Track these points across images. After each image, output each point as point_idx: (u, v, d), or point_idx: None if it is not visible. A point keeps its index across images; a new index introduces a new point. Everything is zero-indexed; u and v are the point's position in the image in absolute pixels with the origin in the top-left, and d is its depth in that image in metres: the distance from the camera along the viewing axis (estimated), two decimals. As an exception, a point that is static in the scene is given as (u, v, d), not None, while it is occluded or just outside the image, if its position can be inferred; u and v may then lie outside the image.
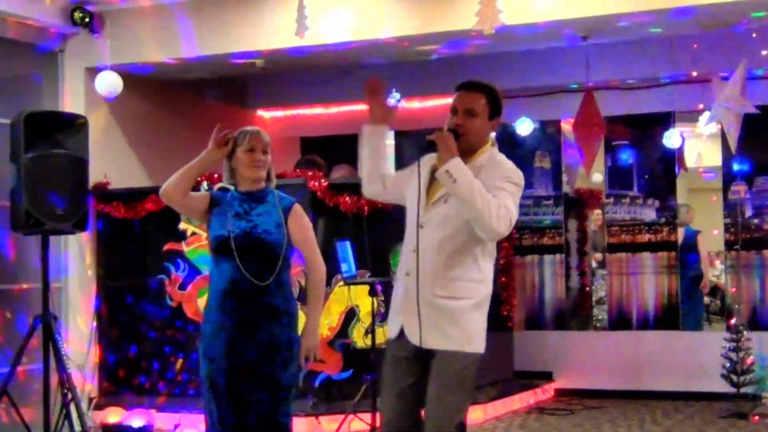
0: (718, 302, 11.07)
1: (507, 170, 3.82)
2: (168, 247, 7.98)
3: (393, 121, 4.08)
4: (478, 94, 3.87)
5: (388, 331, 3.98)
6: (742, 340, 8.18)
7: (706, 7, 6.86)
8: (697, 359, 9.07)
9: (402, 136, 9.92)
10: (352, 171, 9.32)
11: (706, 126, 9.35)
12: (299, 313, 4.49)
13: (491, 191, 3.68)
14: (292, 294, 4.46)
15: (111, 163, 8.36)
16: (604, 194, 10.18)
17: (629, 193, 9.92)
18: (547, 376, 9.54)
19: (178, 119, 9.30)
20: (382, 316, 7.35)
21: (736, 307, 8.64)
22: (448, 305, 3.79)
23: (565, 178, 10.30)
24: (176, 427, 7.29)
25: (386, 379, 3.94)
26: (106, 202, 8.19)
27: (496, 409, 8.23)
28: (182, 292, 7.95)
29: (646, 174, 9.85)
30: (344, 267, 6.84)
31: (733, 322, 8.52)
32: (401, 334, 3.87)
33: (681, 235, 9.80)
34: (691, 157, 10.69)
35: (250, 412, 4.26)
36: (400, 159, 9.83)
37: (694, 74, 8.90)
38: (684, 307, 9.62)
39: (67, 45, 8.27)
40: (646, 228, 9.75)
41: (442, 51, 8.11)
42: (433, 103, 9.88)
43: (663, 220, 9.69)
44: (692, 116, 9.81)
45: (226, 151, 4.38)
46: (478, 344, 3.86)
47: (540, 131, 9.86)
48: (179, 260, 7.95)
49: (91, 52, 8.18)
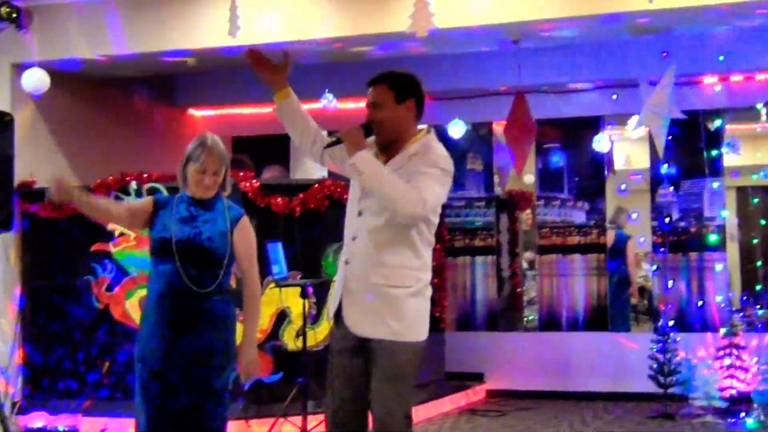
0: (646, 302, 11.26)
1: (434, 156, 3.91)
2: (95, 247, 7.84)
3: (290, 71, 4.07)
4: (379, 85, 3.98)
5: (327, 313, 4.00)
6: (668, 341, 8.32)
7: (634, 13, 6.98)
8: (625, 360, 9.20)
9: (336, 136, 9.88)
10: (283, 171, 9.28)
11: (634, 130, 9.50)
12: (236, 319, 4.44)
13: (414, 177, 3.77)
14: (231, 300, 4.40)
15: (37, 161, 8.20)
16: (535, 196, 10.27)
17: (560, 195, 10.01)
18: (479, 378, 9.58)
19: (107, 117, 9.17)
20: (313, 318, 7.33)
21: (663, 308, 8.76)
22: (385, 293, 3.81)
23: (496, 180, 10.37)
24: (103, 432, 7.18)
25: (331, 369, 3.96)
26: (32, 201, 8.03)
27: (428, 411, 8.21)
28: (109, 293, 7.81)
29: (576, 177, 9.96)
30: (275, 268, 6.79)
31: (659, 323, 8.65)
32: (341, 321, 3.90)
33: (611, 238, 9.94)
34: (620, 160, 10.85)
35: (184, 417, 4.20)
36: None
37: (623, 79, 9.02)
38: (612, 308, 9.75)
39: (-8, 40, 8.10)
40: (576, 230, 9.84)
41: (377, 53, 8.11)
42: (366, 104, 9.86)
43: (592, 222, 9.80)
44: (621, 120, 9.97)
45: (66, 200, 4.28)
46: (418, 332, 3.88)
47: (472, 133, 9.86)
48: (106, 261, 7.81)
49: (17, 48, 8.03)
